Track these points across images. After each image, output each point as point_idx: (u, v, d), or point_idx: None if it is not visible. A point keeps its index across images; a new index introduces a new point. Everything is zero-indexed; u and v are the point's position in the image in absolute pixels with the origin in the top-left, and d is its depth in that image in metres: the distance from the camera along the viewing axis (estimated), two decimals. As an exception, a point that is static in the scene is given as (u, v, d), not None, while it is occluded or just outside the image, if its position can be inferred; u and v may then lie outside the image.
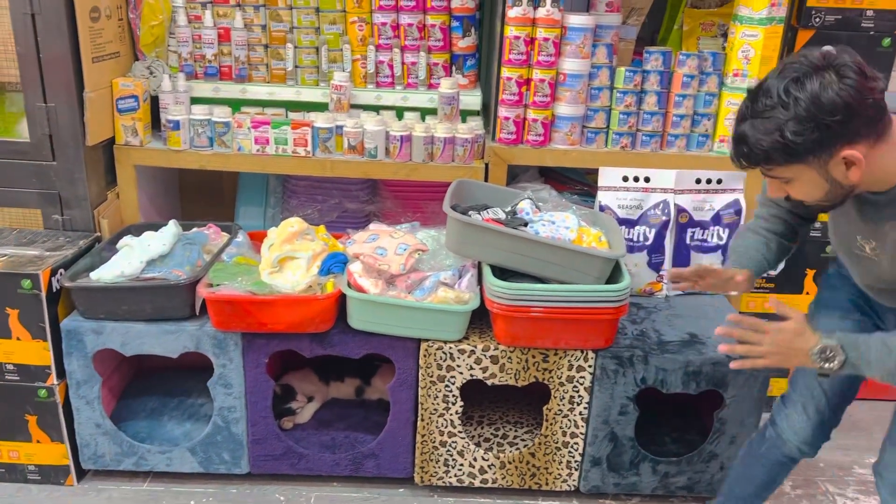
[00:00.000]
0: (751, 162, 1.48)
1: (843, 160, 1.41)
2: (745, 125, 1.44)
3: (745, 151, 1.46)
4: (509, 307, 2.06)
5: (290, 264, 2.20)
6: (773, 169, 1.47)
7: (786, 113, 1.38)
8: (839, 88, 1.35)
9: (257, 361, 2.18)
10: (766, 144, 1.41)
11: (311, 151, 2.47)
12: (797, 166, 1.43)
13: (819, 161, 1.42)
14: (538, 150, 2.48)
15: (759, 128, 1.41)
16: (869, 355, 1.51)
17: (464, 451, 2.26)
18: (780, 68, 1.43)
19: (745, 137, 1.44)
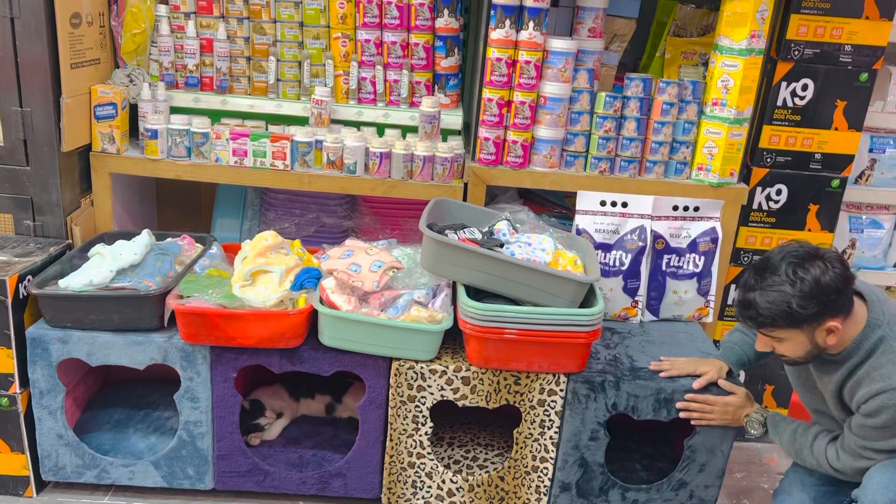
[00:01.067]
0: (755, 323, 1.83)
1: (827, 329, 1.78)
2: (754, 294, 1.78)
3: (753, 315, 1.80)
4: (482, 328, 2.05)
5: (262, 278, 2.18)
6: (773, 331, 1.82)
7: (792, 289, 1.73)
8: (833, 275, 1.74)
9: (225, 376, 2.15)
10: (774, 312, 1.76)
11: (290, 165, 2.46)
12: (792, 331, 1.79)
13: (810, 328, 1.78)
14: (517, 171, 2.48)
15: (768, 298, 1.76)
16: (783, 437, 2.05)
17: (432, 473, 2.24)
18: (782, 253, 1.80)
19: (755, 304, 1.78)
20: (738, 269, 2.64)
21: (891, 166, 2.69)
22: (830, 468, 1.94)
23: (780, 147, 2.52)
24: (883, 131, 2.67)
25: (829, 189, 2.57)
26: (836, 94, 2.46)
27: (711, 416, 2.13)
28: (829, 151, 2.52)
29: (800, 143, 2.51)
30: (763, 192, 2.57)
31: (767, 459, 2.76)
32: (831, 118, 2.49)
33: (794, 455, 2.04)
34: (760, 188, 2.56)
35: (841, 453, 1.91)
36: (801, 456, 2.02)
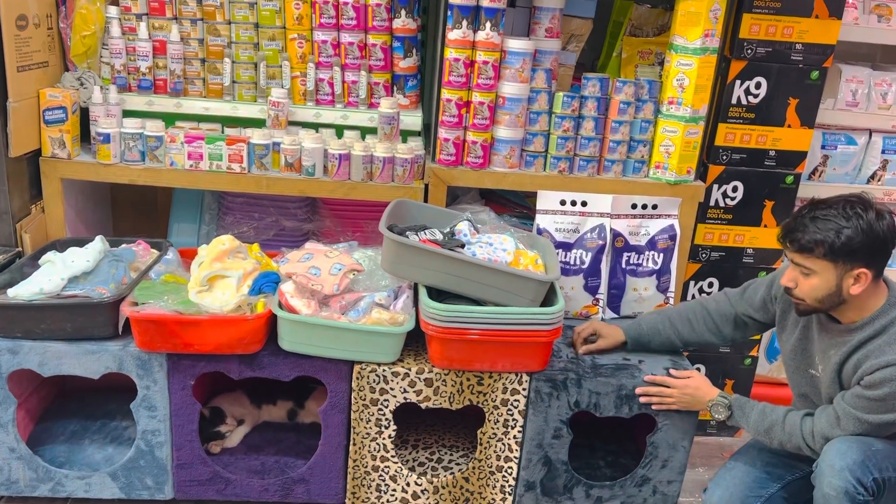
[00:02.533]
0: (797, 246, 1.84)
1: (856, 276, 1.81)
2: (804, 219, 1.83)
3: (799, 237, 1.82)
4: (444, 329, 2.04)
5: (219, 283, 2.14)
6: (809, 258, 1.83)
7: (846, 223, 1.78)
8: (886, 224, 1.79)
9: (183, 383, 2.11)
10: (819, 237, 1.79)
11: (247, 168, 2.43)
12: (827, 263, 1.81)
13: (843, 267, 1.81)
14: (477, 172, 2.48)
15: (818, 224, 1.80)
16: (749, 417, 2.04)
17: (396, 476, 2.22)
18: (844, 196, 1.85)
19: (805, 226, 1.82)
20: (697, 265, 2.68)
21: (843, 162, 2.75)
22: (803, 441, 1.94)
23: (736, 145, 2.55)
24: (834, 128, 2.73)
25: (784, 185, 2.61)
26: (788, 91, 2.51)
27: (671, 400, 2.13)
28: (783, 148, 2.57)
29: (754, 141, 2.55)
30: (719, 189, 2.60)
31: (728, 453, 2.79)
32: (784, 116, 2.53)
33: (763, 433, 2.02)
34: (717, 185, 2.60)
35: (819, 422, 1.91)
36: (770, 433, 2.00)
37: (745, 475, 2.08)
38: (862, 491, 1.81)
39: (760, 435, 2.03)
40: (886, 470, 1.84)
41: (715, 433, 2.90)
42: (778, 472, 2.09)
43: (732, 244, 2.67)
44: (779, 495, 2.06)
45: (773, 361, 2.97)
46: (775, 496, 2.06)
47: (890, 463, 1.85)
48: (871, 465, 1.82)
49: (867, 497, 1.82)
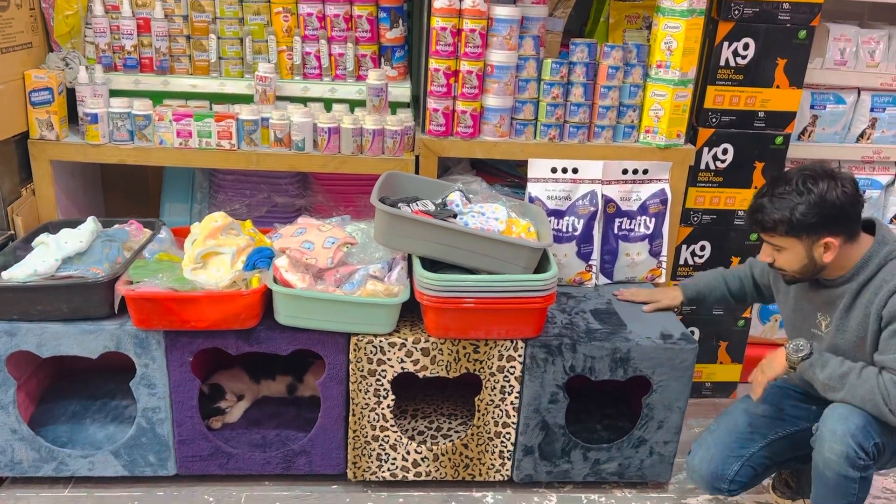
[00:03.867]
0: (761, 227, 1.92)
1: (824, 244, 1.86)
2: (763, 199, 1.89)
3: (759, 218, 1.90)
4: (439, 298, 2.05)
5: (213, 260, 2.15)
6: (774, 237, 1.90)
7: (799, 199, 1.84)
8: (840, 193, 1.83)
9: (181, 360, 2.12)
10: (777, 217, 1.86)
11: (237, 144, 2.42)
12: (792, 240, 1.88)
13: (809, 240, 1.87)
14: (468, 141, 2.48)
15: (775, 204, 1.86)
16: (828, 361, 1.90)
17: (396, 445, 2.25)
18: (801, 169, 1.89)
19: (763, 208, 1.89)
20: (689, 229, 2.69)
21: (831, 122, 2.75)
22: (878, 393, 1.80)
23: (725, 107, 2.55)
24: (823, 88, 2.73)
25: (774, 146, 2.62)
26: (776, 52, 2.50)
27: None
28: (772, 109, 2.57)
29: (743, 102, 2.55)
30: (710, 152, 2.61)
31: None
32: (773, 76, 2.53)
33: (837, 380, 1.86)
34: (707, 148, 2.60)
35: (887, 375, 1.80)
36: (844, 379, 1.85)
37: (726, 436, 2.11)
38: (863, 455, 1.82)
39: (834, 380, 1.86)
40: (887, 434, 1.86)
41: (710, 394, 2.93)
42: (761, 431, 2.11)
43: (724, 207, 2.68)
44: (760, 454, 2.09)
45: (766, 322, 3.00)
46: (756, 455, 2.08)
47: (891, 427, 1.86)
48: (873, 429, 1.84)
49: (868, 461, 1.83)
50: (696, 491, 2.41)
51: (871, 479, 1.89)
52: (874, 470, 1.88)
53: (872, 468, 1.86)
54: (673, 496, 2.39)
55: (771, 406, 2.14)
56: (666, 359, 2.21)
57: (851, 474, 1.84)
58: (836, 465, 1.84)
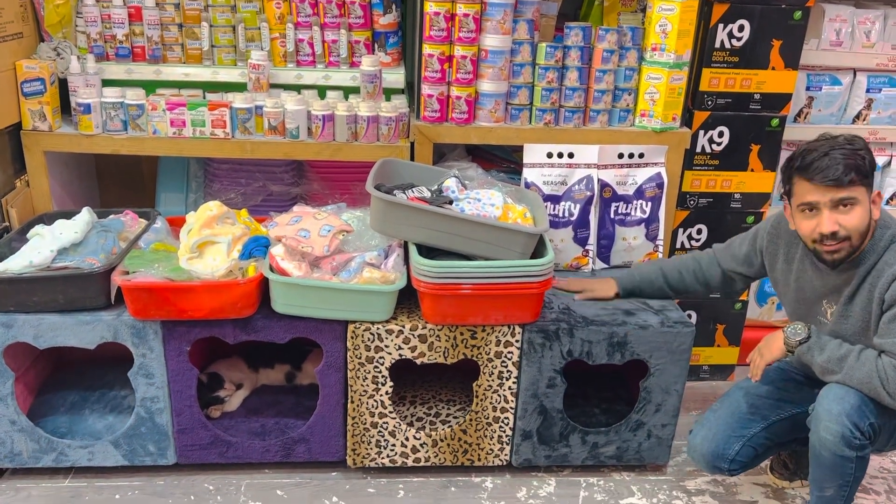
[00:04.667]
0: (836, 180, 1.80)
1: (874, 197, 1.87)
2: (825, 154, 1.82)
3: (838, 170, 1.80)
4: (436, 285, 2.05)
5: (209, 249, 2.15)
6: (851, 189, 1.82)
7: (853, 146, 1.82)
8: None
9: (179, 349, 2.12)
10: (852, 162, 1.80)
11: (231, 133, 2.41)
12: (863, 188, 1.83)
13: (869, 190, 1.85)
14: (463, 127, 2.47)
15: (846, 154, 1.81)
16: (826, 344, 1.90)
17: (395, 432, 2.26)
18: (819, 137, 1.89)
19: (837, 161, 1.81)
20: (685, 212, 2.69)
21: (827, 103, 2.75)
22: (876, 375, 1.81)
23: (720, 89, 2.54)
24: (818, 69, 2.72)
25: (770, 128, 2.61)
26: (771, 33, 2.49)
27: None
28: (768, 91, 2.56)
29: (739, 85, 2.54)
30: (705, 135, 2.60)
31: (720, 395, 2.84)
32: (768, 58, 2.52)
33: (835, 363, 1.87)
34: (703, 131, 2.59)
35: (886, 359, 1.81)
36: (843, 362, 1.86)
37: (728, 416, 2.12)
38: (858, 435, 1.83)
39: (832, 363, 1.87)
40: (883, 414, 1.86)
41: (707, 377, 2.94)
42: (762, 412, 2.11)
43: (720, 190, 2.68)
44: (761, 435, 2.09)
45: (763, 305, 3.00)
46: (757, 435, 2.09)
47: (888, 408, 1.86)
48: (868, 409, 1.84)
49: (864, 441, 1.84)
50: (694, 473, 2.43)
51: (868, 459, 1.90)
52: (871, 450, 1.89)
53: (869, 448, 1.87)
54: (671, 479, 2.40)
55: (772, 387, 2.15)
56: (663, 342, 2.21)
57: (847, 454, 1.85)
58: (831, 444, 1.85)
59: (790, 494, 2.34)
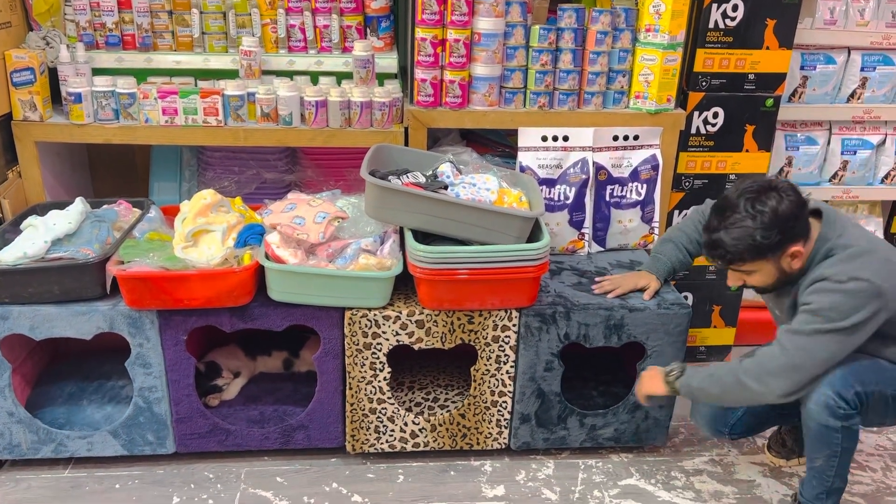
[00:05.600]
0: (725, 261, 1.90)
1: (791, 255, 1.87)
2: (719, 234, 1.87)
3: (722, 254, 1.88)
4: (432, 271, 2.05)
5: (204, 238, 2.14)
6: (742, 265, 1.89)
7: (754, 223, 1.82)
8: (788, 202, 1.82)
9: (175, 339, 2.12)
10: (741, 247, 1.84)
11: (223, 120, 2.40)
12: (760, 262, 1.87)
13: (776, 257, 1.87)
14: (457, 112, 2.46)
15: (732, 235, 1.84)
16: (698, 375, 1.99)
17: (394, 417, 2.26)
18: (738, 191, 1.88)
19: (722, 243, 1.86)
20: (681, 194, 2.69)
21: (822, 83, 2.74)
22: (741, 374, 1.89)
23: (715, 70, 2.53)
24: (813, 48, 2.71)
25: (764, 109, 2.60)
26: (765, 12, 2.48)
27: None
28: (762, 71, 2.55)
29: (733, 65, 2.53)
30: (700, 116, 2.59)
31: (718, 376, 2.85)
32: (762, 37, 2.51)
33: (706, 380, 1.96)
34: (697, 112, 2.58)
35: (759, 353, 1.90)
36: (712, 377, 1.96)
37: None
38: (843, 404, 1.85)
39: (705, 381, 1.97)
40: (870, 384, 1.88)
41: (704, 358, 2.95)
42: None
43: (715, 171, 2.67)
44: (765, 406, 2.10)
45: (758, 285, 3.01)
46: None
47: (874, 377, 1.90)
48: (853, 378, 1.87)
49: (849, 410, 1.86)
50: (692, 453, 2.44)
51: (857, 430, 1.91)
52: (858, 420, 1.90)
53: (856, 418, 1.88)
54: (669, 459, 2.41)
55: None
56: (660, 324, 2.22)
57: (832, 424, 1.87)
58: (816, 414, 1.88)
59: (787, 472, 2.36)
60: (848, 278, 1.81)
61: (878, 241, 1.94)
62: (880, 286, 1.80)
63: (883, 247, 1.91)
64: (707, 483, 2.31)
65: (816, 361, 1.84)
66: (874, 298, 1.80)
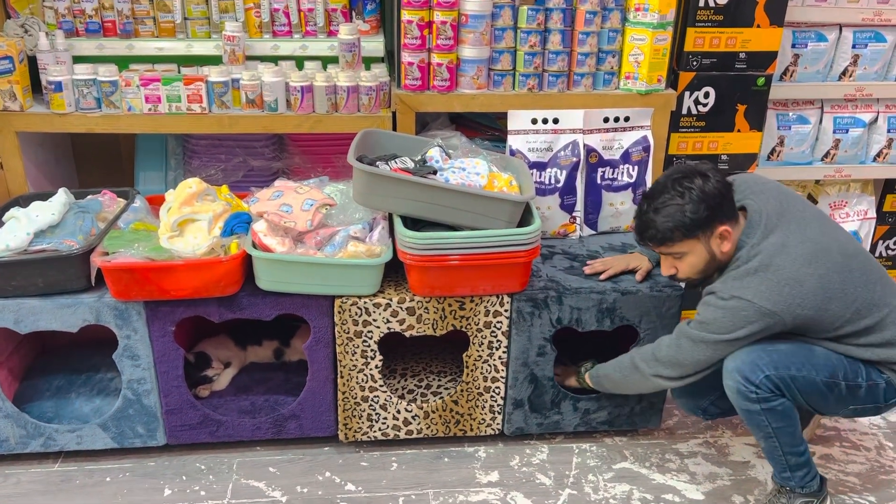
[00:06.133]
0: (656, 242, 1.91)
1: (720, 235, 1.88)
2: (649, 215, 1.89)
3: (653, 234, 1.90)
4: (422, 257, 2.03)
5: (190, 227, 2.11)
6: (673, 246, 1.90)
7: (682, 200, 1.85)
8: (714, 182, 1.87)
9: (163, 330, 2.09)
10: (670, 225, 1.86)
11: (208, 108, 2.35)
12: (691, 241, 1.88)
13: (706, 236, 1.88)
14: (445, 95, 2.42)
15: (661, 214, 1.87)
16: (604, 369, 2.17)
17: (386, 405, 2.24)
18: (664, 176, 1.93)
19: (653, 223, 1.89)
20: (672, 175, 2.66)
21: (813, 60, 2.71)
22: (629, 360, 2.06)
23: (705, 49, 2.50)
24: (804, 25, 2.68)
25: (756, 88, 2.58)
26: (756, -10, 2.45)
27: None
28: (753, 49, 2.52)
29: (724, 44, 2.50)
30: (691, 96, 2.56)
31: (711, 358, 2.85)
32: (753, 15, 2.47)
33: (611, 369, 2.14)
34: (688, 92, 2.55)
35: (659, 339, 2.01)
36: (615, 366, 2.12)
37: None
38: (753, 389, 1.86)
39: (609, 370, 2.15)
40: (787, 368, 1.86)
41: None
42: None
43: (707, 151, 2.65)
44: None
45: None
46: None
47: (794, 361, 1.87)
48: (764, 363, 1.86)
49: (763, 394, 1.86)
50: (686, 435, 2.44)
51: (787, 410, 1.89)
52: (782, 403, 1.87)
53: (774, 401, 1.87)
54: (663, 442, 2.41)
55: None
56: (652, 307, 2.20)
57: (750, 407, 1.89)
58: (733, 399, 1.92)
59: (781, 453, 2.36)
60: (730, 296, 1.85)
61: (794, 253, 1.84)
62: (761, 307, 1.83)
63: (791, 263, 1.83)
64: (701, 465, 2.31)
65: (699, 363, 1.93)
66: (758, 318, 1.83)
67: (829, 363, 1.90)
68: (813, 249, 1.87)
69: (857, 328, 1.88)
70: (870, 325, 1.88)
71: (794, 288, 1.82)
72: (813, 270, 1.84)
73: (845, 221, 2.96)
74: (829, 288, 1.85)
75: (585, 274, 2.26)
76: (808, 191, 2.94)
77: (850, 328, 1.88)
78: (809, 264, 1.85)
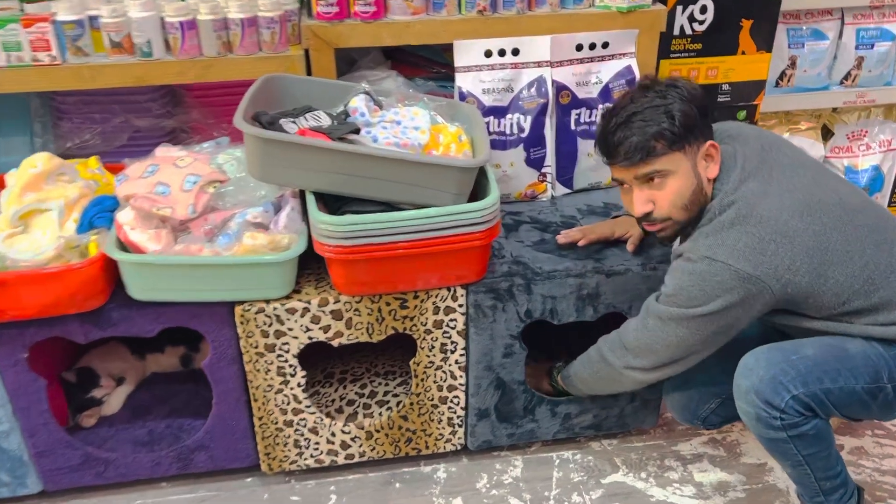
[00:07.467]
0: (635, 154, 1.45)
1: (706, 154, 1.49)
2: (622, 128, 1.46)
3: (628, 148, 1.45)
4: (345, 248, 1.53)
5: (37, 220, 1.61)
6: (655, 162, 1.45)
7: (664, 101, 1.44)
8: (696, 87, 1.50)
9: (14, 359, 1.60)
10: (654, 130, 1.43)
11: (60, 57, 1.80)
12: (677, 154, 1.46)
13: (692, 150, 1.47)
14: (371, 24, 1.88)
15: (640, 117, 1.44)
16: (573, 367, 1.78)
17: (317, 428, 1.79)
18: (640, 85, 1.52)
19: (628, 136, 1.45)
20: (663, 113, 2.17)
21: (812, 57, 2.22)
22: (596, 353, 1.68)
23: (703, -50, 1.98)
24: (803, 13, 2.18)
25: (764, -5, 2.07)
26: None
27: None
28: (762, -52, 2.00)
29: (726, -58, 1.97)
30: (684, 11, 2.07)
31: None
32: None
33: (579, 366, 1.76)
34: (681, 7, 2.06)
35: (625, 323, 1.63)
36: (584, 358, 1.74)
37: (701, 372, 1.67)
38: (777, 415, 1.43)
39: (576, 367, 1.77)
40: (819, 381, 1.43)
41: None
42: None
43: (704, 80, 2.17)
44: None
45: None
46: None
47: (827, 369, 1.44)
48: (789, 379, 1.42)
49: (791, 419, 1.43)
50: (687, 433, 2.03)
51: (823, 432, 1.47)
52: (815, 426, 1.45)
53: (808, 424, 1.44)
54: (661, 443, 2.00)
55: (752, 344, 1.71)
56: (646, 289, 1.74)
57: (774, 436, 1.46)
58: (751, 426, 1.49)
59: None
60: (700, 257, 1.43)
61: (780, 203, 1.42)
62: (739, 270, 1.39)
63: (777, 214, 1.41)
64: (709, 472, 1.90)
65: (672, 346, 1.51)
66: (736, 284, 1.40)
67: (868, 362, 1.45)
68: (805, 199, 1.43)
69: (871, 302, 1.44)
70: (888, 297, 1.43)
71: (782, 245, 1.38)
72: (805, 225, 1.40)
73: (866, 154, 2.50)
74: (827, 248, 1.41)
75: (559, 244, 1.79)
76: (823, 120, 2.47)
77: (861, 303, 1.44)
78: (801, 216, 1.41)
